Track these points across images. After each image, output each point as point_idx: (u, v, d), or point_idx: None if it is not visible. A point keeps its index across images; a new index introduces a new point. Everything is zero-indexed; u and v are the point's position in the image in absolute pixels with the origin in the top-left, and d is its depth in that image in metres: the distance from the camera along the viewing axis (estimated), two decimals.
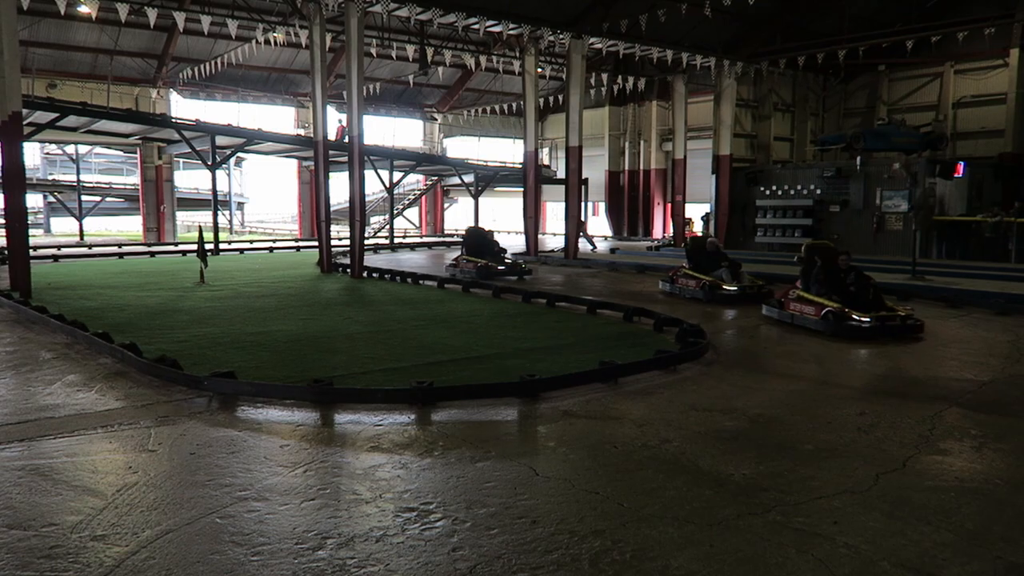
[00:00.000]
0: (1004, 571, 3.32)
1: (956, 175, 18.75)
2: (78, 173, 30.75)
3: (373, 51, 24.47)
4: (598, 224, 33.50)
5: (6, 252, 13.45)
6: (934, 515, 3.88)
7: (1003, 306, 11.05)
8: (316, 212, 17.49)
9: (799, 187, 21.93)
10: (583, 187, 21.81)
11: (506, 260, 16.16)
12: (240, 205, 41.72)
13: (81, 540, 3.53)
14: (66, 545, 3.48)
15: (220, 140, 22.65)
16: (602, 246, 25.83)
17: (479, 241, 16.58)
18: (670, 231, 27.42)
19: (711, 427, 5.39)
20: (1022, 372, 7.35)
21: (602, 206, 33.29)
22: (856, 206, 20.59)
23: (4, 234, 12.76)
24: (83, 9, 21.12)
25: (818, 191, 21.44)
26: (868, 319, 8.95)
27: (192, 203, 35.03)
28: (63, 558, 3.35)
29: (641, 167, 31.92)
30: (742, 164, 25.35)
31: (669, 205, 28.23)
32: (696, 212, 26.59)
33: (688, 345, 7.81)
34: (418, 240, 30.58)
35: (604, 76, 27.07)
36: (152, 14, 19.00)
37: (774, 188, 22.54)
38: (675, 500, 4.04)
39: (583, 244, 23.62)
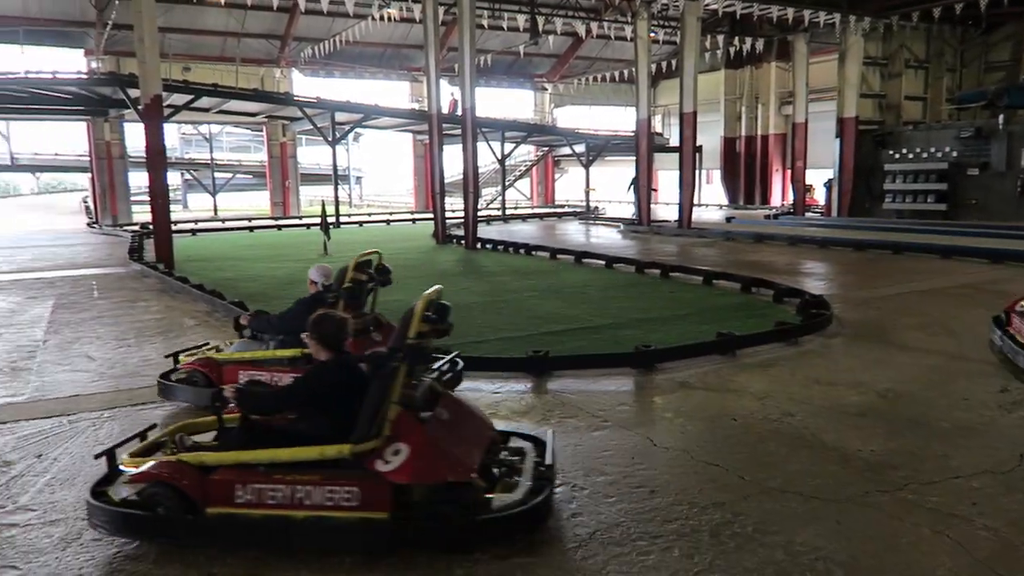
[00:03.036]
0: None
1: None
2: (211, 151, 32.55)
3: (484, 22, 24.51)
4: (713, 192, 32.55)
5: (151, 227, 14.51)
6: None
7: None
8: (431, 185, 17.85)
9: (932, 149, 20.49)
10: (697, 155, 21.20)
11: None
12: (358, 179, 43.07)
13: None
14: None
15: (339, 116, 23.47)
16: (716, 215, 25.12)
17: None
18: (789, 198, 26.34)
19: (836, 401, 5.21)
20: None
21: (716, 174, 32.32)
22: (997, 168, 19.05)
23: (149, 210, 13.76)
24: None
25: (954, 153, 19.96)
26: None
27: (314, 178, 36.44)
28: None
29: (759, 132, 30.74)
30: (869, 126, 23.88)
31: (788, 171, 27.09)
32: (818, 178, 25.35)
33: (810, 317, 7.55)
34: (529, 211, 30.69)
35: (719, 38, 26.09)
36: None
37: (904, 151, 21.16)
38: (798, 475, 3.96)
39: None
